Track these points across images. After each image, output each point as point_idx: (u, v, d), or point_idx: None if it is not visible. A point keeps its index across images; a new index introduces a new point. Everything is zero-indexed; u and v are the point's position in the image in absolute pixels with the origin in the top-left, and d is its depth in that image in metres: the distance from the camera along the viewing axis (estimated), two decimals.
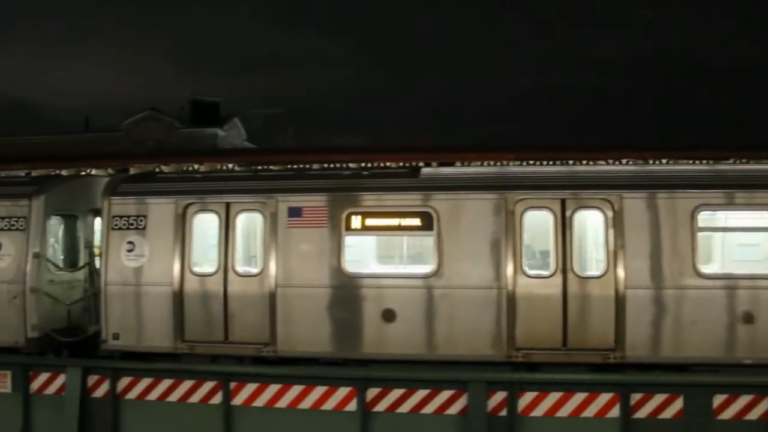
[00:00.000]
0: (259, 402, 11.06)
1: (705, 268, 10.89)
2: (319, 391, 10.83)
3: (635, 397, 10.08)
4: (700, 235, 10.82)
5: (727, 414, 9.85)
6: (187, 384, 11.30)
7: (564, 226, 11.06)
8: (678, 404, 10.00)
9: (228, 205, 11.90)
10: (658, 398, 10.05)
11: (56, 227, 13.35)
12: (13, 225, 12.53)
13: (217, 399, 11.19)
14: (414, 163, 14.69)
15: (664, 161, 14.48)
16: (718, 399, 9.90)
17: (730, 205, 11.03)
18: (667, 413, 10.02)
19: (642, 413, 10.06)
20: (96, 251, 13.29)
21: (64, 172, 17.30)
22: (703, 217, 10.92)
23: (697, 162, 14.09)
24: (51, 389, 11.85)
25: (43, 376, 11.90)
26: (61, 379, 11.76)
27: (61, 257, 13.46)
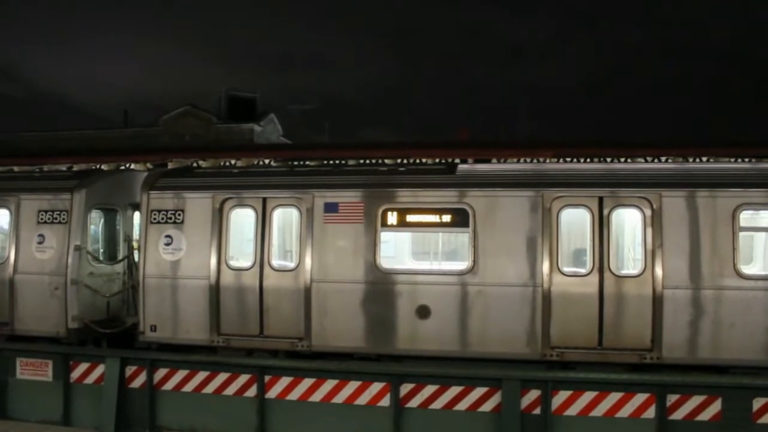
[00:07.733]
0: (293, 395, 11.16)
1: (746, 269, 10.69)
2: (353, 385, 10.90)
3: (672, 398, 9.96)
4: (741, 234, 10.62)
5: None
6: (222, 377, 11.47)
7: (601, 225, 10.94)
8: (716, 407, 9.86)
9: (264, 200, 12.00)
10: (696, 400, 9.92)
11: (97, 220, 13.61)
12: (55, 218, 12.81)
13: (251, 392, 11.31)
14: (450, 160, 14.60)
15: (704, 159, 14.16)
16: (759, 402, 9.74)
17: None
18: (705, 415, 9.88)
19: (678, 415, 9.94)
20: (135, 244, 13.51)
21: (104, 167, 17.47)
22: (745, 217, 10.72)
23: (740, 160, 13.80)
24: (90, 379, 12.12)
25: (83, 366, 12.18)
26: (100, 369, 12.02)
27: (101, 250, 13.72)
